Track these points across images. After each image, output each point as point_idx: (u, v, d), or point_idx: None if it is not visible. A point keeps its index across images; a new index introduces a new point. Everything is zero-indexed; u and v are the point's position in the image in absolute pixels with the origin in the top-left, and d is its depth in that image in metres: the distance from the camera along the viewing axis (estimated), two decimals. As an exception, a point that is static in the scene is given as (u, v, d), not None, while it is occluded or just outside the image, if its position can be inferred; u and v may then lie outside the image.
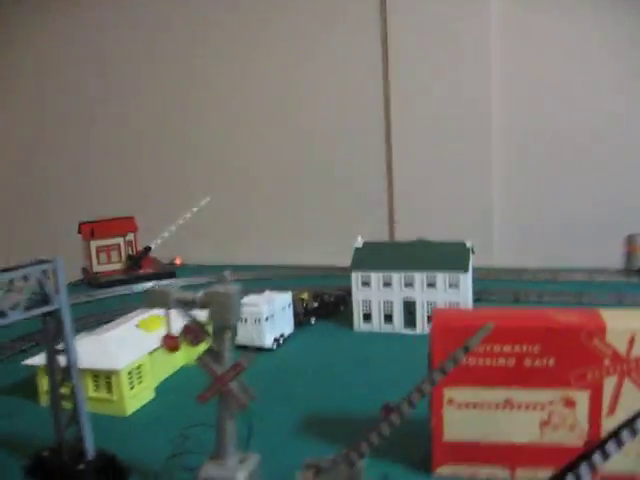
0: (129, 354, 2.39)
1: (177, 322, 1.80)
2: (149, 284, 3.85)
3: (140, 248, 3.97)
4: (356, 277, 2.98)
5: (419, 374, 2.57)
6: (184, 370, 2.75)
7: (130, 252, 3.99)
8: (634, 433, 1.42)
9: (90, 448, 1.93)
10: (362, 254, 3.00)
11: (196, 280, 3.90)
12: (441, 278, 2.86)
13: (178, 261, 4.26)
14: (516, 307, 2.20)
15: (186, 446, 2.06)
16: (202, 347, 1.76)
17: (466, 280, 2.84)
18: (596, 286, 3.46)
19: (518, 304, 3.23)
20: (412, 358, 2.74)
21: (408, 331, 2.96)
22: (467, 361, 1.80)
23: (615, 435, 1.44)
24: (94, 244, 3.90)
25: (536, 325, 1.78)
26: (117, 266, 3.99)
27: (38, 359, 2.45)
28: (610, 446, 1.43)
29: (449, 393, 1.83)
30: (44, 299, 1.85)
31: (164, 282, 2.38)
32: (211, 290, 1.67)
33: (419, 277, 2.88)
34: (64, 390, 1.96)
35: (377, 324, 3.00)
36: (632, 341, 1.72)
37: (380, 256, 2.98)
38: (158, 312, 2.67)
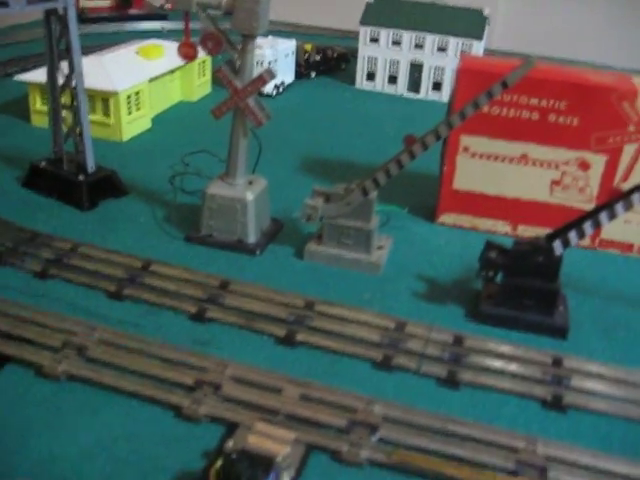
0: (129, 78, 2.24)
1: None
2: (141, 24, 3.61)
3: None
4: (364, 32, 2.80)
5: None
6: (181, 105, 2.64)
7: (122, -12, 3.69)
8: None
9: (90, 161, 1.85)
10: (374, 9, 2.80)
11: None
12: (453, 43, 2.70)
13: (169, 6, 3.95)
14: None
15: (187, 171, 2.01)
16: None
17: (479, 48, 2.70)
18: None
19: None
20: (414, 120, 2.67)
21: (411, 95, 2.85)
22: (489, 110, 1.72)
23: (625, 197, 1.41)
24: (82, -23, 3.58)
25: (567, 80, 1.68)
26: (106, 3, 3.69)
27: (31, 75, 2.29)
28: (618, 207, 1.41)
29: (466, 141, 1.76)
30: (49, -6, 1.68)
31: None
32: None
33: (430, 39, 2.72)
34: (65, 99, 1.84)
35: (380, 84, 2.87)
36: (662, 108, 1.65)
37: (393, 13, 2.78)
38: (159, 41, 2.54)
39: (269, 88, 2.66)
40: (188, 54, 1.62)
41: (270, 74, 1.56)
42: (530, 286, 1.45)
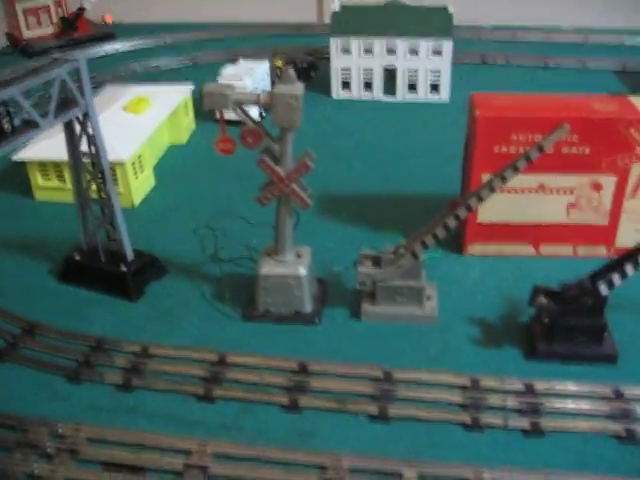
0: (129, 143, 2.26)
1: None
2: (92, 50, 3.53)
3: (72, 10, 3.56)
4: (335, 43, 2.85)
5: (409, 142, 2.64)
6: (173, 150, 2.67)
7: (62, 14, 3.57)
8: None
9: (129, 249, 1.90)
10: (341, 18, 2.85)
11: (139, 43, 3.62)
12: (424, 45, 2.79)
13: (109, 19, 3.88)
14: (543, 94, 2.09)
15: (216, 237, 2.08)
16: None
17: (449, 46, 2.80)
18: (554, 47, 3.48)
19: (486, 66, 3.25)
20: (396, 124, 2.79)
21: (388, 98, 2.95)
22: (507, 150, 1.85)
23: None
24: (20, 5, 3.44)
25: (578, 116, 1.81)
26: (49, 30, 3.59)
27: (28, 153, 2.27)
28: None
29: (486, 178, 1.87)
30: (69, 103, 1.69)
31: (216, 83, 2.07)
32: (276, 91, 1.57)
33: (402, 44, 2.80)
34: (91, 192, 1.87)
35: (356, 92, 2.96)
36: (663, 129, 1.81)
37: (360, 21, 2.84)
38: (140, 91, 2.54)
39: (255, 115, 2.70)
40: (227, 149, 1.67)
41: (311, 157, 1.64)
42: (581, 324, 1.62)
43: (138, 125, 2.36)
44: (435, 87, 2.88)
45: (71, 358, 1.68)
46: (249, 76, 2.69)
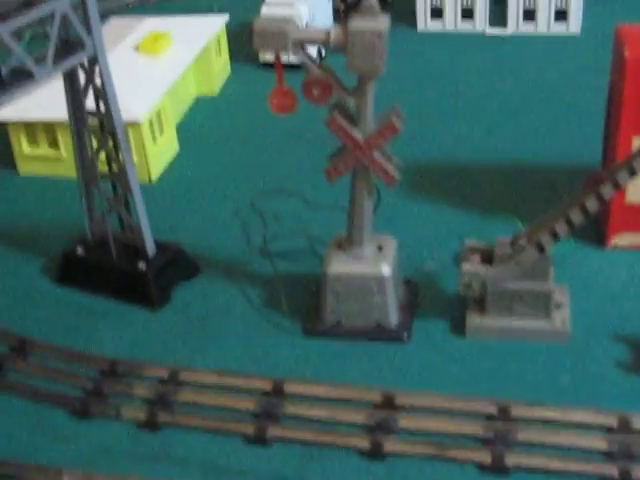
0: (144, 96, 2.33)
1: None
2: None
3: None
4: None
5: (526, 91, 2.65)
6: (201, 104, 2.74)
7: None
8: None
9: (149, 240, 1.96)
10: None
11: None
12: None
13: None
14: None
15: (264, 223, 2.14)
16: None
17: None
18: None
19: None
20: (507, 67, 2.81)
21: (496, 31, 2.98)
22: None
23: None
24: None
25: None
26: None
27: (10, 112, 2.33)
28: None
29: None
30: (72, 44, 1.76)
31: (269, 16, 2.07)
32: (353, 26, 1.60)
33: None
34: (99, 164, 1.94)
35: (452, 21, 3.00)
36: None
37: None
38: (157, 24, 2.62)
39: (314, 53, 2.75)
40: (285, 106, 1.71)
41: (399, 116, 1.68)
42: None
43: (155, 71, 2.43)
44: (562, 14, 2.89)
45: (76, 386, 1.76)
46: (303, 3, 2.73)
